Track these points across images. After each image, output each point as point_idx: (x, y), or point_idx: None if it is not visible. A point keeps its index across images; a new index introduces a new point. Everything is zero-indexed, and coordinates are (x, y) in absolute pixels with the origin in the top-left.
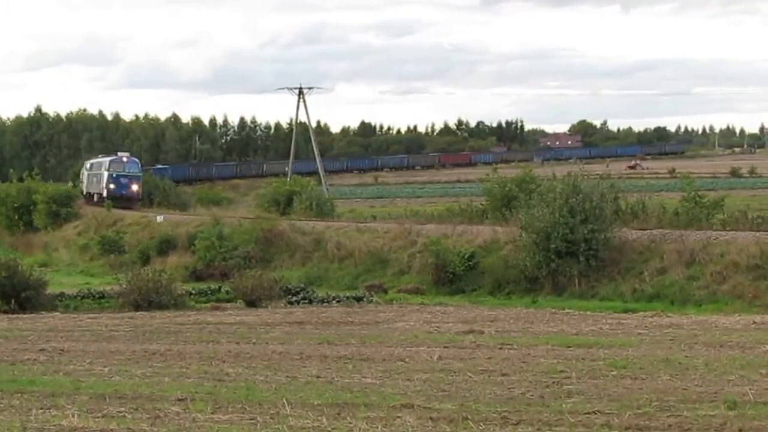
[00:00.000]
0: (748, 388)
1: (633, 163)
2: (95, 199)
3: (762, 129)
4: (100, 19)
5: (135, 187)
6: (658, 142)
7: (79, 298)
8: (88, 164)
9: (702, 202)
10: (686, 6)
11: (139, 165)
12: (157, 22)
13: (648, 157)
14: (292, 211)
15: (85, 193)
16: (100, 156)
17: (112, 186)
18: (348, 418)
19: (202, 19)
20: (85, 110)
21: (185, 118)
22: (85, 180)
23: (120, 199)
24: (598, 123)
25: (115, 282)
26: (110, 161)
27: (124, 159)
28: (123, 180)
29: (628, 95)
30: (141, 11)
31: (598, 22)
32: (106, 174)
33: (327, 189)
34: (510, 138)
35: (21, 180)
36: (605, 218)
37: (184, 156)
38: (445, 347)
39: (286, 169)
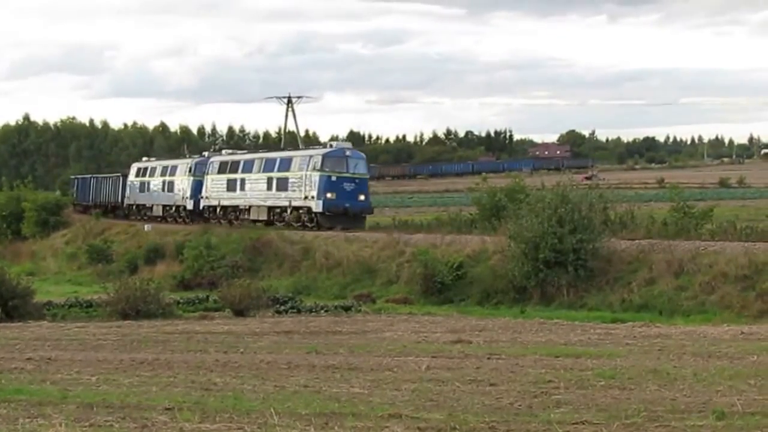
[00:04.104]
0: (737, 398)
1: (589, 173)
2: (270, 217)
3: (751, 139)
4: (87, 27)
5: (363, 197)
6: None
7: (66, 306)
8: (180, 164)
9: (691, 213)
10: (672, 16)
11: (366, 162)
12: (144, 31)
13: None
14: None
15: (143, 205)
16: (253, 151)
17: (329, 195)
18: (336, 428)
19: (189, 29)
20: (73, 119)
21: (173, 127)
22: (186, 186)
23: (342, 217)
24: (586, 133)
25: (103, 291)
26: (324, 156)
27: (347, 152)
28: (347, 186)
29: (616, 105)
30: (127, 20)
31: (586, 32)
32: (316, 177)
33: None
34: (499, 148)
35: (11, 188)
36: (594, 228)
37: None
38: (433, 357)
39: None
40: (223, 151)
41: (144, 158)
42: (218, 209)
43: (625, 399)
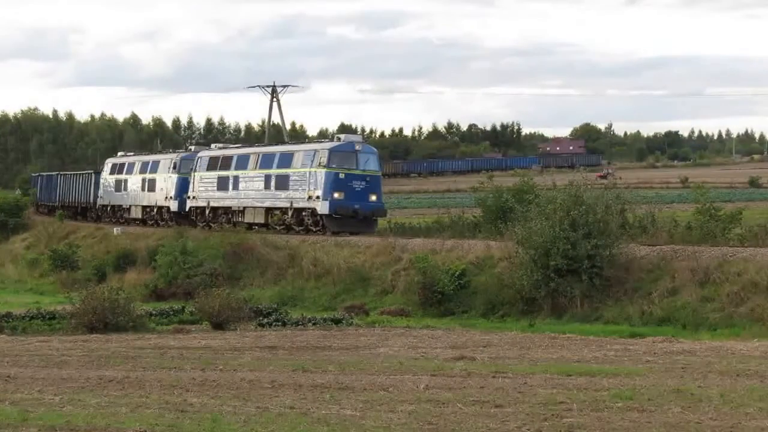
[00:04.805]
0: None
1: (604, 172)
2: (268, 219)
3: None
4: (50, 9)
5: (375, 197)
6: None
7: (27, 318)
8: (163, 160)
9: (717, 215)
10: None
11: (378, 157)
12: (113, 13)
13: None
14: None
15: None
16: (248, 146)
17: (336, 195)
18: None
19: (163, 11)
20: (35, 110)
21: (146, 119)
22: (169, 185)
23: (351, 219)
24: (602, 126)
25: (68, 301)
26: (331, 151)
27: (357, 146)
28: (357, 184)
29: (635, 96)
30: (95, 1)
31: (601, 14)
32: (321, 174)
33: None
34: (505, 143)
35: None
36: (610, 233)
37: None
38: (432, 375)
39: None
40: (213, 145)
41: (120, 153)
42: (207, 211)
43: (644, 423)
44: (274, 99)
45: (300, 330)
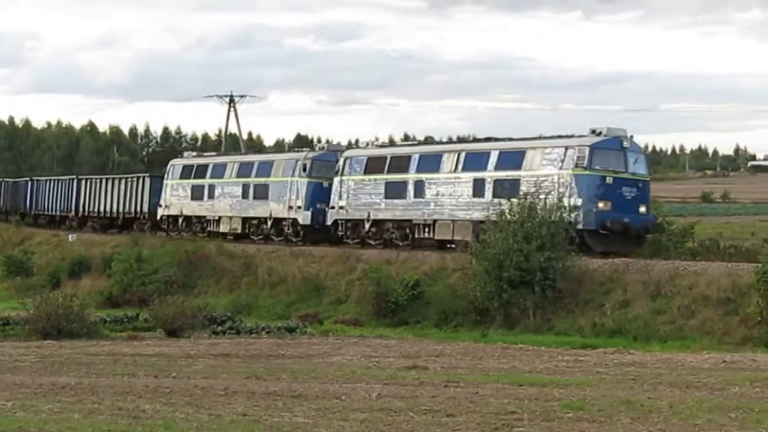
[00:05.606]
0: None
1: None
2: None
3: (737, 150)
4: (5, 15)
5: (644, 209)
6: None
7: None
8: (279, 161)
9: (670, 230)
10: (653, 14)
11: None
12: (69, 21)
13: None
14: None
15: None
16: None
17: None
18: None
19: (120, 19)
20: None
21: (102, 127)
22: (295, 192)
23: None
24: None
25: (22, 307)
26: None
27: (625, 143)
28: (628, 192)
29: (590, 110)
30: (51, 8)
31: (559, 30)
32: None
33: None
34: None
35: None
36: (563, 245)
37: (100, 168)
38: (385, 384)
39: None
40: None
41: (188, 153)
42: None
43: None
44: (232, 108)
45: (254, 338)
